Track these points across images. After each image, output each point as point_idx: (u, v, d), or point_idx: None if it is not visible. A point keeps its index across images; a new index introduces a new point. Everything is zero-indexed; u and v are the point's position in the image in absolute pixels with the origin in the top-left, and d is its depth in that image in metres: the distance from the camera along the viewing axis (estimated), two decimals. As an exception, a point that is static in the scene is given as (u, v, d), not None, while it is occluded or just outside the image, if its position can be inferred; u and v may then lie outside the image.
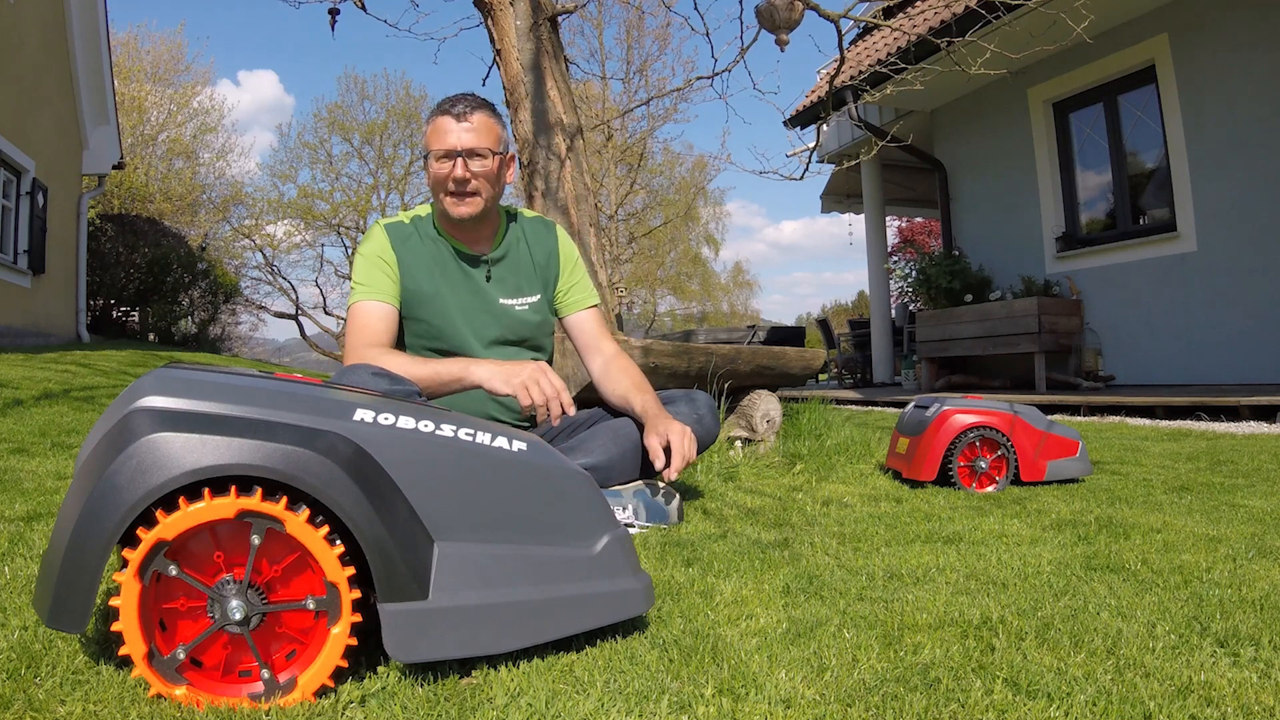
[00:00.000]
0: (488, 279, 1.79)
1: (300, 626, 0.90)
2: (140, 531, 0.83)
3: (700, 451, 1.83)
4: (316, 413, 0.90)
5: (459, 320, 1.76)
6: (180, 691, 0.83)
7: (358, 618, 0.88)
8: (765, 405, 2.88)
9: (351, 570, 0.88)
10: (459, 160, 1.67)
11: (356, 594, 0.88)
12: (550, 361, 1.95)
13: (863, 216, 9.87)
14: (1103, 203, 6.88)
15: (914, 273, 7.79)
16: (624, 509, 1.72)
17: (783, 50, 3.71)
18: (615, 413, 1.85)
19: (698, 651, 0.99)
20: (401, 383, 1.44)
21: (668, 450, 1.62)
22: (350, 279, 1.78)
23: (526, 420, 1.89)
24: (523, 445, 1.03)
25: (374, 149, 20.37)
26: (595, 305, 1.92)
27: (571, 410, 1.51)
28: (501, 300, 1.79)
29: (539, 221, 1.91)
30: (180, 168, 16.61)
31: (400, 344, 1.77)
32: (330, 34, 3.71)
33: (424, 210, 1.83)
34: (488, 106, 1.73)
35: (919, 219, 16.59)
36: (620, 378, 1.81)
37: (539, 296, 1.85)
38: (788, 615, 1.14)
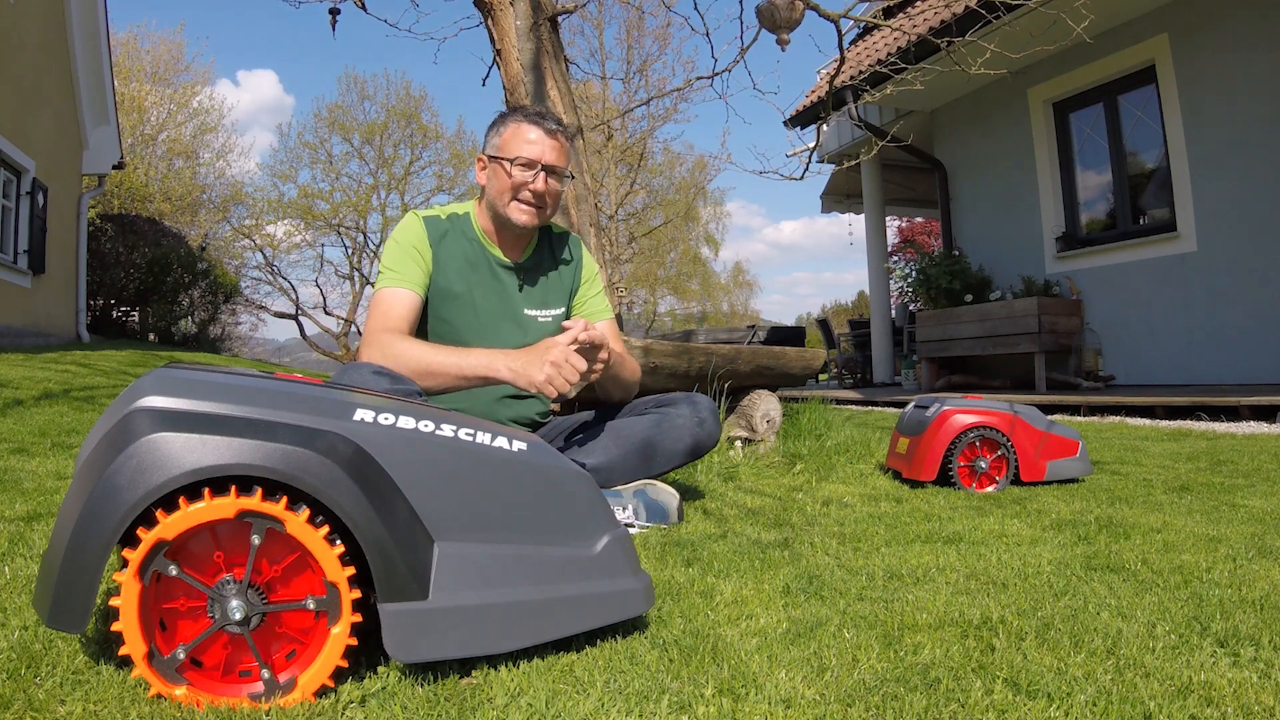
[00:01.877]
0: (519, 288, 1.80)
1: (300, 626, 0.90)
2: (140, 531, 0.83)
3: (701, 454, 1.84)
4: (316, 413, 0.90)
5: (484, 325, 1.75)
6: (180, 691, 0.83)
7: (358, 618, 0.88)
8: (765, 405, 2.88)
9: (351, 570, 0.88)
10: (543, 175, 1.71)
11: (356, 594, 0.88)
12: None
13: (863, 216, 9.88)
14: (1103, 203, 6.88)
15: (914, 273, 7.78)
16: (624, 509, 1.72)
17: (783, 50, 3.71)
18: (617, 412, 1.85)
19: (698, 651, 0.99)
20: (402, 382, 1.43)
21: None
22: (378, 263, 1.77)
23: (530, 423, 1.89)
24: (523, 445, 1.03)
25: (374, 149, 20.40)
26: (610, 319, 1.94)
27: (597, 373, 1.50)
28: (527, 311, 1.80)
29: (566, 234, 1.94)
30: (180, 168, 16.61)
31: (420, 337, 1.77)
32: (330, 34, 3.71)
33: (461, 209, 1.82)
34: (567, 134, 1.79)
35: (919, 219, 16.59)
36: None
37: (562, 309, 1.86)
38: (788, 615, 1.14)
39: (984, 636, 1.04)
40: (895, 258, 12.81)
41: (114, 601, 0.82)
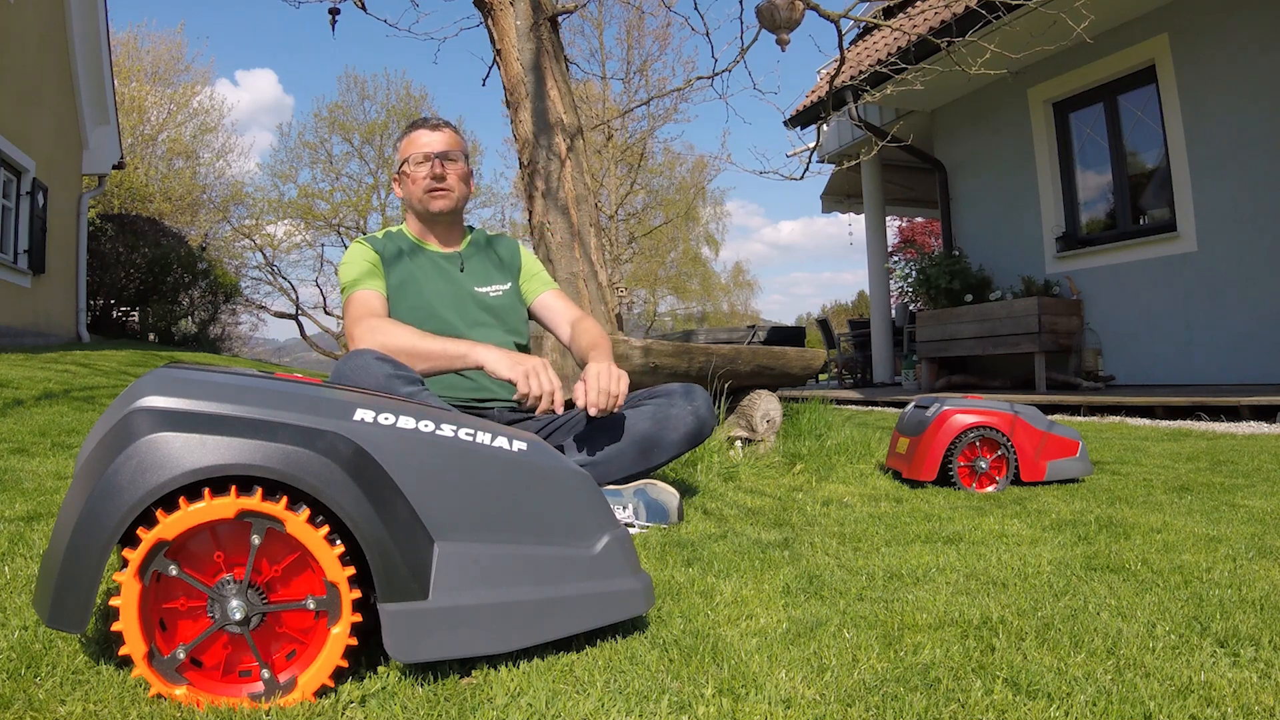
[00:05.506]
0: (461, 269, 1.96)
1: (300, 626, 0.90)
2: (140, 531, 0.83)
3: (699, 443, 1.86)
4: (316, 413, 0.90)
5: (440, 305, 1.88)
6: (180, 691, 0.83)
7: (358, 618, 0.88)
8: (765, 405, 2.88)
9: (351, 570, 0.88)
10: (435, 161, 1.90)
11: (356, 594, 0.88)
12: (529, 349, 2.04)
13: (863, 216, 9.88)
14: (1103, 203, 6.88)
15: (914, 273, 7.79)
16: (624, 509, 1.72)
17: (783, 50, 3.71)
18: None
19: (698, 651, 0.99)
20: (404, 369, 1.50)
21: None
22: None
23: (518, 402, 1.93)
24: (523, 445, 1.03)
25: (374, 149, 20.37)
26: (556, 288, 2.09)
27: (560, 410, 1.56)
28: (476, 288, 1.95)
29: (499, 235, 2.15)
30: (180, 168, 16.62)
31: None
32: (330, 34, 3.71)
33: (394, 228, 2.02)
34: (453, 125, 1.99)
35: (919, 219, 16.59)
36: (580, 340, 1.90)
37: (510, 285, 2.01)
38: (788, 615, 1.14)
39: (984, 636, 1.04)
40: (895, 258, 12.81)
41: (114, 601, 0.82)
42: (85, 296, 9.84)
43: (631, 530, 1.70)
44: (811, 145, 5.29)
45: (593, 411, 1.61)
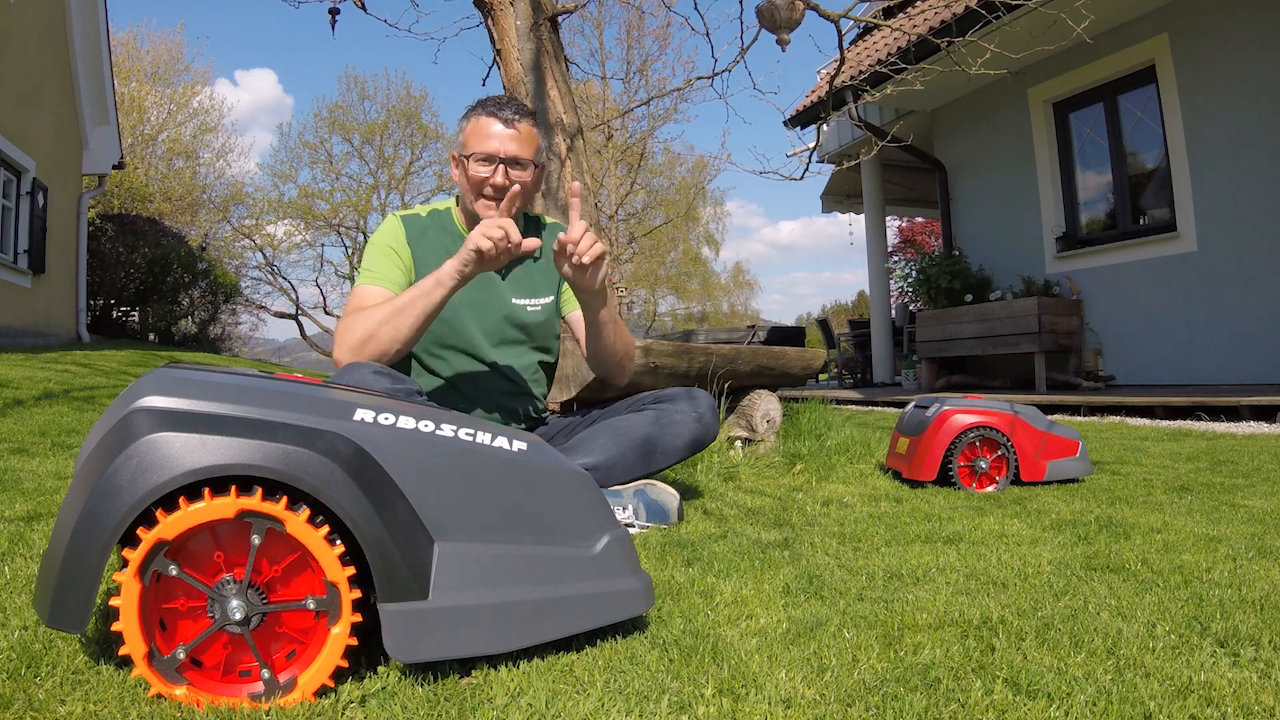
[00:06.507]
0: (503, 277, 1.80)
1: (300, 626, 0.90)
2: (140, 531, 0.83)
3: (701, 449, 1.84)
4: (316, 413, 0.90)
5: (469, 318, 1.76)
6: (180, 691, 0.83)
7: (358, 618, 0.88)
8: (765, 405, 2.88)
9: (351, 570, 0.88)
10: (501, 167, 1.68)
11: (357, 594, 0.88)
12: (555, 363, 1.95)
13: (863, 216, 9.88)
14: (1103, 203, 6.88)
15: (914, 273, 7.79)
16: (624, 509, 1.72)
17: (783, 50, 3.71)
18: (616, 410, 1.86)
19: (698, 651, 0.98)
20: (403, 381, 1.45)
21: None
22: (357, 269, 1.78)
23: (536, 416, 1.90)
24: (523, 445, 1.03)
25: (374, 149, 20.40)
26: None
27: (519, 239, 1.43)
28: (514, 300, 1.80)
29: (555, 226, 1.93)
30: (180, 168, 16.64)
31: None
32: (330, 33, 3.71)
33: (442, 205, 1.84)
34: (533, 116, 1.75)
35: (919, 219, 16.59)
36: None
37: (551, 298, 1.86)
38: (788, 615, 1.14)
39: (984, 636, 1.04)
40: (895, 258, 12.81)
41: (114, 601, 0.82)
42: (85, 296, 9.84)
43: (631, 530, 1.70)
44: (811, 145, 5.29)
45: (579, 251, 1.45)
